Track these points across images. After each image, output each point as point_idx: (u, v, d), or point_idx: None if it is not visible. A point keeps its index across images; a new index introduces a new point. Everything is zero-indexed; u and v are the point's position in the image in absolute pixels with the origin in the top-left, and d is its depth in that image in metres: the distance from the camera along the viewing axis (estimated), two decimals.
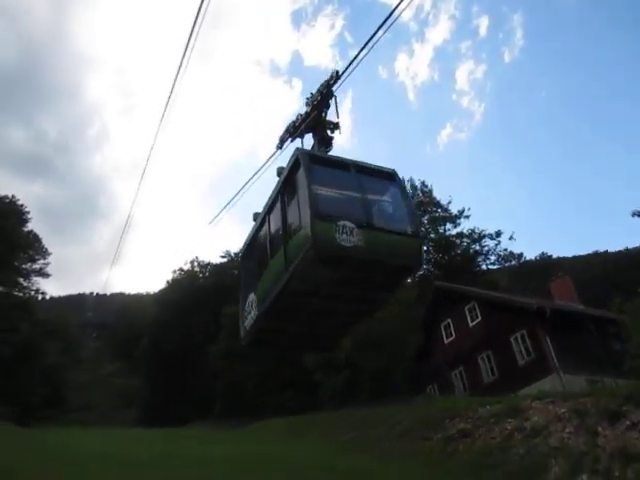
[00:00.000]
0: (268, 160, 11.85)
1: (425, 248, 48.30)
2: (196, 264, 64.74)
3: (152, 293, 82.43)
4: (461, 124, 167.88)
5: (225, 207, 12.86)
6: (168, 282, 65.08)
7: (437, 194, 51.54)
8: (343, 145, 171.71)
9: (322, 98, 11.25)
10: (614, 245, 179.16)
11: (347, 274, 9.52)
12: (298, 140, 11.47)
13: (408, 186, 50.09)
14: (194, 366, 50.83)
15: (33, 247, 53.06)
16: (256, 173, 11.84)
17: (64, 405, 48.95)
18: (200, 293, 56.59)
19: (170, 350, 53.09)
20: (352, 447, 16.89)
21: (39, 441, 17.10)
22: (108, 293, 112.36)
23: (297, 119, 11.81)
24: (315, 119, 11.36)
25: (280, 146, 12.13)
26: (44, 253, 53.55)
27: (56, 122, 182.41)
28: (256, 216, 11.70)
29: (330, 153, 10.99)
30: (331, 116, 11.15)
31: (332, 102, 11.12)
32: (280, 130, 11.77)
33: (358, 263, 9.34)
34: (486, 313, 30.01)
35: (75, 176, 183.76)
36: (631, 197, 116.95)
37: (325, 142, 11.34)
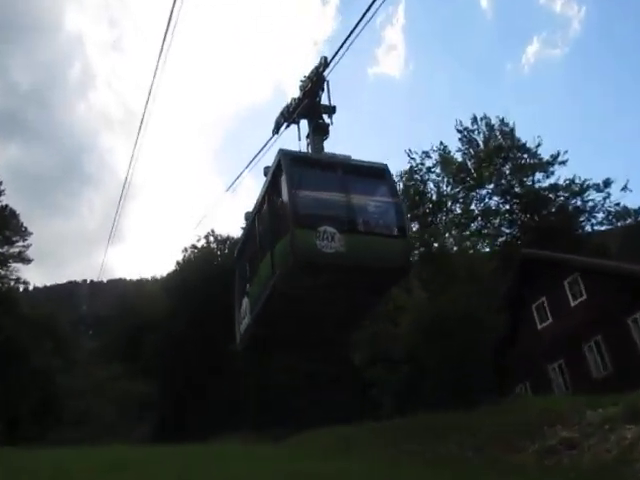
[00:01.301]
0: (265, 145, 14.16)
1: (507, 207, 47.51)
2: (212, 239, 65.62)
3: (159, 278, 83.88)
4: (553, 37, 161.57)
5: (241, 174, 14.78)
6: (178, 263, 66.33)
7: (521, 134, 50.61)
8: (397, 79, 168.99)
9: (312, 85, 13.29)
10: None
11: (332, 280, 11.35)
12: (295, 132, 13.94)
13: (482, 125, 49.34)
14: (216, 366, 51.68)
15: (9, 226, 54.12)
16: (253, 159, 14.11)
17: (57, 418, 50.96)
18: (219, 275, 56.91)
19: (185, 347, 54.07)
20: (421, 461, 16.86)
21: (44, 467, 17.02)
22: (105, 280, 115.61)
23: (291, 103, 14.01)
24: (307, 107, 13.48)
25: (276, 131, 14.34)
26: (23, 233, 54.71)
27: (29, 66, 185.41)
28: (248, 215, 13.75)
29: (327, 141, 13.31)
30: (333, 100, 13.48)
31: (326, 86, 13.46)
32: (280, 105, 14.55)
33: (341, 269, 11.11)
34: (593, 288, 29.40)
35: (55, 133, 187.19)
36: None
37: (321, 130, 13.39)
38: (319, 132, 13.64)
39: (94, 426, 52.19)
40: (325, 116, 13.71)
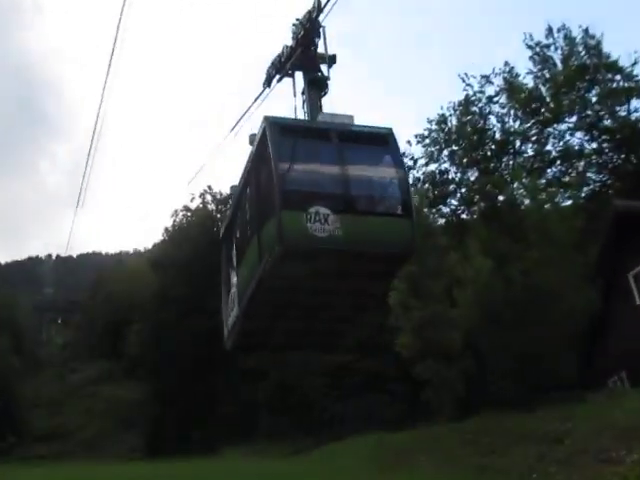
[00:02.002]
0: (256, 100, 15.26)
1: (595, 146, 47.05)
2: (210, 198, 65.65)
3: (143, 251, 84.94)
4: None
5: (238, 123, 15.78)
6: (167, 231, 66.25)
7: (611, 49, 49.62)
8: None
9: (306, 33, 14.14)
10: None
11: (327, 267, 12.26)
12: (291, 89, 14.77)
13: (560, 38, 48.54)
14: (220, 362, 52.07)
15: None
16: (242, 117, 15.33)
17: (19, 432, 51.49)
18: (220, 244, 57.26)
19: (180, 339, 54.37)
20: (491, 477, 17.12)
21: None
22: (75, 255, 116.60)
23: (283, 52, 14.82)
24: (301, 57, 14.38)
25: (268, 84, 15.27)
26: None
27: None
28: (234, 189, 14.86)
29: (327, 97, 14.25)
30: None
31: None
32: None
33: (336, 255, 11.96)
34: None
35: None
36: None
37: (318, 85, 14.30)
38: (316, 87, 14.43)
39: (71, 440, 52.99)
40: (324, 68, 14.40)
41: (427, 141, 50.33)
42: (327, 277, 12.66)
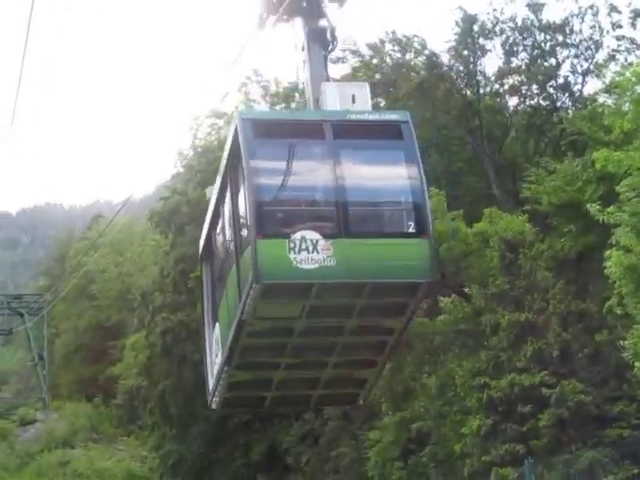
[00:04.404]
0: (247, 43, 14.17)
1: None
2: (257, 91, 54.95)
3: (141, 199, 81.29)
4: None
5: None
6: (182, 156, 58.70)
7: None
8: None
9: None
10: None
11: (323, 304, 11.37)
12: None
13: None
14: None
15: None
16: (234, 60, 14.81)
17: None
18: None
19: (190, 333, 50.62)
20: None
21: None
22: (14, 213, 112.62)
23: None
24: None
25: (261, 26, 13.64)
26: None
27: None
28: (210, 192, 13.79)
29: (333, 55, 13.77)
30: None
31: None
32: None
33: (331, 290, 11.09)
34: None
35: None
36: None
37: (319, 37, 12.87)
38: (318, 41, 12.96)
39: None
40: (327, 11, 13.08)
41: None
42: (326, 315, 11.77)
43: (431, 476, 31.82)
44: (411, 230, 11.46)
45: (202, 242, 15.42)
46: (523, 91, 47.15)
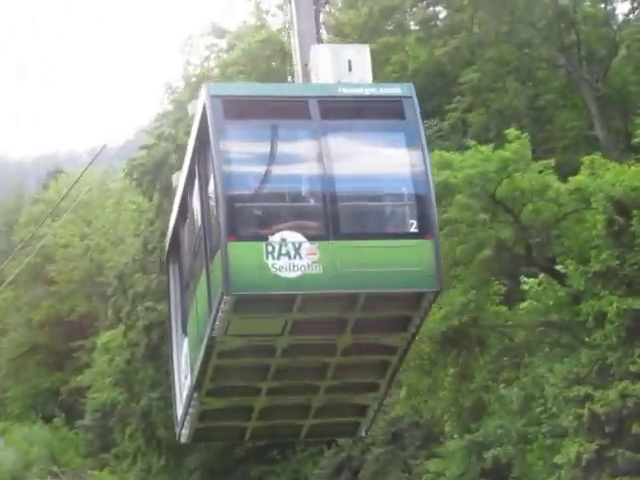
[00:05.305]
0: None
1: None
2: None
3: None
4: None
5: None
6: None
7: None
8: None
9: None
10: None
11: (309, 318, 12.21)
12: None
13: None
14: None
15: None
16: None
17: None
18: None
19: None
20: None
21: None
22: None
23: None
24: None
25: None
26: None
27: None
28: (177, 180, 15.03)
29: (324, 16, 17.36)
30: None
31: None
32: None
33: (317, 302, 11.98)
34: None
35: None
36: None
37: None
38: None
39: None
40: None
41: None
42: (313, 331, 12.54)
43: None
44: (413, 230, 12.14)
45: (168, 240, 16.60)
46: None
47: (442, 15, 48.46)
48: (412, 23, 52.97)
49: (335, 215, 11.75)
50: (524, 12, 44.15)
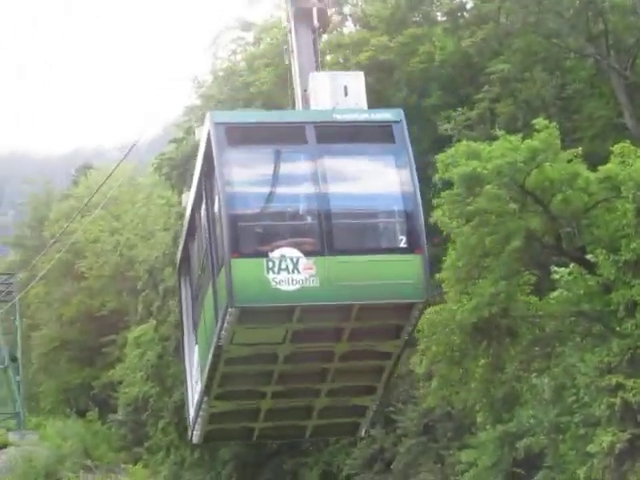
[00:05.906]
0: None
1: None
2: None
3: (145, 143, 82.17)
4: None
5: None
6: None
7: None
8: None
9: None
10: None
11: (308, 327, 13.47)
12: None
13: None
14: None
15: None
16: None
17: None
18: None
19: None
20: None
21: None
22: None
23: None
24: None
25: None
26: None
27: None
28: (187, 199, 16.20)
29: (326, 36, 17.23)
30: None
31: None
32: None
33: (315, 313, 13.16)
34: None
35: None
36: None
37: (307, 17, 14.96)
38: (306, 20, 14.94)
39: None
40: None
41: None
42: (312, 339, 13.80)
43: None
44: (403, 245, 13.37)
45: (179, 255, 18.31)
46: None
47: (469, 6, 48.35)
48: (439, 14, 53.01)
49: (330, 232, 12.83)
50: (551, 2, 44.01)
